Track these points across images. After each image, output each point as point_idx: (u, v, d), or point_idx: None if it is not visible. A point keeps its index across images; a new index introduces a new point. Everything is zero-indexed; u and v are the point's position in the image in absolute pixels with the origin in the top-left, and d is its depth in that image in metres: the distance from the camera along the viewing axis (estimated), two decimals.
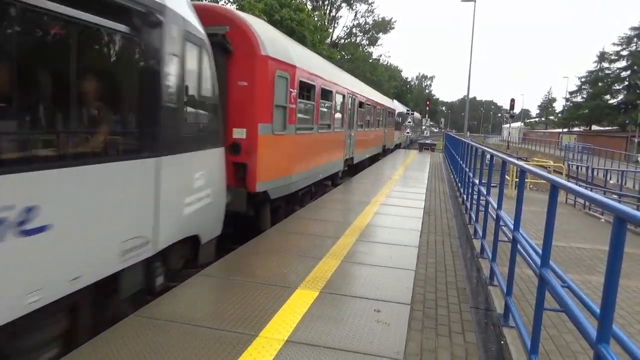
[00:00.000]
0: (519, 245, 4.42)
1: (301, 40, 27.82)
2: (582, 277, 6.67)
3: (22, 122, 3.13)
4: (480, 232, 7.25)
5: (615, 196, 14.59)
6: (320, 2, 54.13)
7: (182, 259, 5.26)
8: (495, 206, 5.88)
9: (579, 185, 16.31)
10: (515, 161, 5.88)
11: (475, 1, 27.50)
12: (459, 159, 14.35)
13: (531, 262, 3.94)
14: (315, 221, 8.16)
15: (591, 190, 15.65)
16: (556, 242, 7.73)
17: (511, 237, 4.62)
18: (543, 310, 3.44)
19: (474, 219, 8.40)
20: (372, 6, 58.31)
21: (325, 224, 7.99)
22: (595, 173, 19.60)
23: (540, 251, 3.59)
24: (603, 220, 11.95)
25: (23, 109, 3.12)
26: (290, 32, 28.11)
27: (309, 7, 47.93)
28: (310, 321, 4.09)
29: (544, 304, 3.48)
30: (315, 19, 42.91)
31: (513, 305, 4.34)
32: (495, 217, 5.87)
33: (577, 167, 19.90)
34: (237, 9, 21.61)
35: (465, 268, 6.55)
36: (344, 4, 56.60)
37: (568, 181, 17.46)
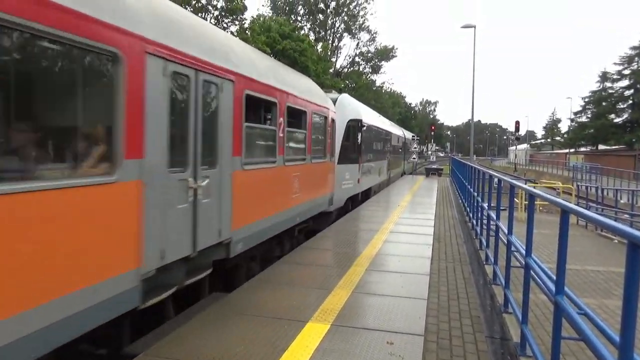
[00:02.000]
0: (532, 271, 4.34)
1: (304, 70, 28.23)
2: (599, 301, 6.52)
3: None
4: (492, 258, 7.15)
5: (627, 216, 14.39)
6: (323, 33, 55.18)
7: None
8: (506, 231, 5.81)
9: (590, 207, 16.16)
10: (524, 185, 5.83)
11: (474, 28, 27.92)
12: (467, 183, 14.29)
13: (545, 289, 3.86)
14: (324, 251, 8.09)
15: (602, 211, 15.50)
16: (570, 265, 7.58)
17: (524, 263, 4.55)
18: (561, 339, 3.35)
19: (485, 244, 8.30)
20: (374, 35, 59.35)
21: (334, 254, 7.93)
22: (605, 193, 19.39)
23: (554, 277, 3.52)
24: (616, 241, 11.76)
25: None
26: (293, 63, 28.57)
27: (312, 37, 48.89)
28: (323, 356, 4.01)
29: (562, 332, 3.39)
30: (319, 49, 43.64)
31: (529, 333, 4.24)
32: (506, 242, 5.80)
33: (587, 188, 19.74)
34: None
35: (478, 295, 6.44)
36: (345, 34, 57.65)
37: (578, 202, 17.26)
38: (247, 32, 28.91)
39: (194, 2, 25.49)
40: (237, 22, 29.00)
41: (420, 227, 10.89)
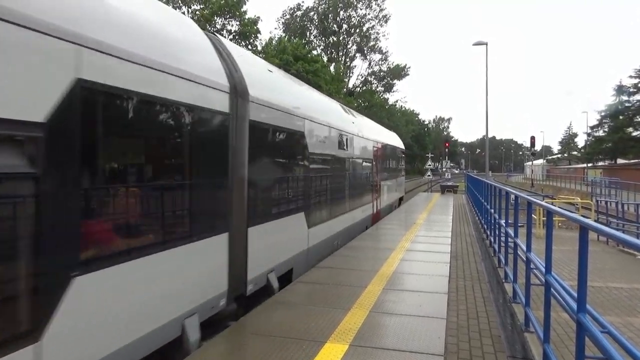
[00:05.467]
0: (552, 289, 4.28)
1: (317, 89, 28.56)
2: (623, 319, 6.37)
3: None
4: (511, 276, 7.05)
5: None
6: (336, 54, 55.84)
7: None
8: (524, 248, 5.75)
9: (610, 223, 15.85)
10: (541, 202, 5.78)
11: (487, 45, 27.98)
12: (483, 200, 14.17)
13: (567, 307, 3.80)
14: (340, 270, 8.06)
15: (623, 227, 15.18)
16: (591, 282, 7.45)
17: (544, 281, 4.49)
18: (584, 359, 3.29)
19: (504, 261, 8.20)
20: (385, 54, 59.85)
21: (350, 272, 7.89)
22: (625, 208, 19.02)
23: (575, 295, 3.47)
24: (639, 257, 11.50)
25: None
26: (306, 83, 28.95)
27: (325, 58, 49.48)
28: None
29: (585, 351, 3.33)
30: (332, 70, 44.14)
31: (552, 353, 4.16)
32: (525, 259, 5.73)
33: (606, 203, 19.40)
34: None
35: (498, 314, 6.34)
36: (358, 54, 58.26)
37: (597, 218, 16.87)
38: (260, 54, 29.44)
39: (208, 26, 26.11)
40: (250, 46, 29.58)
41: (437, 244, 10.80)
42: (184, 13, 28.72)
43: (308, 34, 53.99)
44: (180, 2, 29.06)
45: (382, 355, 4.46)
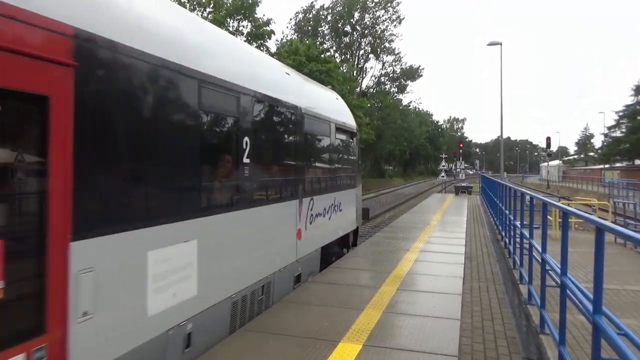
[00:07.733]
0: (568, 291, 4.25)
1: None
2: None
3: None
4: (526, 277, 7.00)
5: None
6: (349, 55, 55.81)
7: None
8: (540, 249, 5.70)
9: (628, 224, 15.61)
10: (557, 203, 5.73)
11: (501, 45, 27.76)
12: (498, 201, 14.07)
13: (583, 308, 3.78)
14: (354, 271, 8.08)
15: None
16: (608, 284, 7.37)
17: (559, 282, 4.45)
18: None
19: (519, 263, 8.13)
20: (398, 56, 59.64)
21: (364, 273, 7.91)
22: None
23: (591, 296, 3.45)
24: None
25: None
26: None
27: (338, 59, 49.51)
28: None
29: (601, 353, 3.31)
30: (345, 70, 44.13)
31: (568, 355, 4.12)
32: (540, 260, 5.68)
33: (624, 204, 19.11)
34: None
35: (513, 316, 6.30)
36: (371, 55, 58.14)
37: (615, 220, 16.58)
38: (274, 56, 29.59)
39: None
40: (262, 47, 29.75)
41: (451, 245, 10.76)
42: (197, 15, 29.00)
43: (321, 35, 54.05)
44: (196, 5, 29.35)
45: (396, 355, 4.47)
